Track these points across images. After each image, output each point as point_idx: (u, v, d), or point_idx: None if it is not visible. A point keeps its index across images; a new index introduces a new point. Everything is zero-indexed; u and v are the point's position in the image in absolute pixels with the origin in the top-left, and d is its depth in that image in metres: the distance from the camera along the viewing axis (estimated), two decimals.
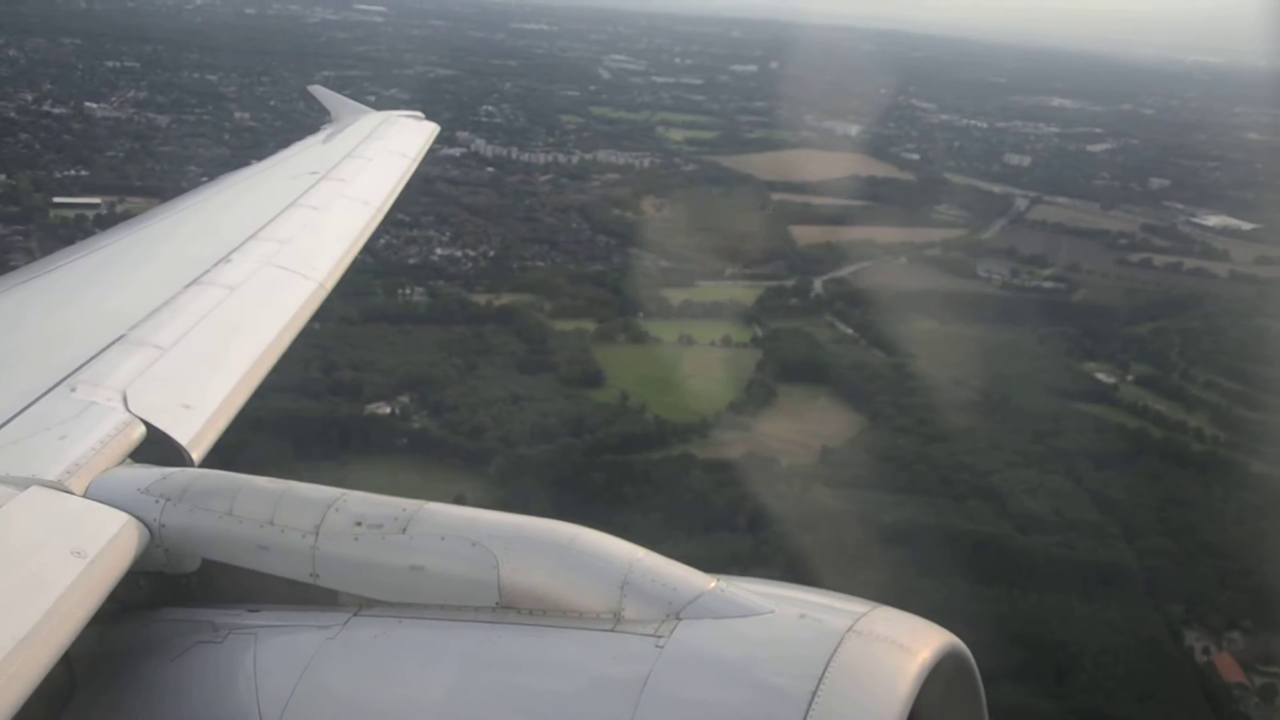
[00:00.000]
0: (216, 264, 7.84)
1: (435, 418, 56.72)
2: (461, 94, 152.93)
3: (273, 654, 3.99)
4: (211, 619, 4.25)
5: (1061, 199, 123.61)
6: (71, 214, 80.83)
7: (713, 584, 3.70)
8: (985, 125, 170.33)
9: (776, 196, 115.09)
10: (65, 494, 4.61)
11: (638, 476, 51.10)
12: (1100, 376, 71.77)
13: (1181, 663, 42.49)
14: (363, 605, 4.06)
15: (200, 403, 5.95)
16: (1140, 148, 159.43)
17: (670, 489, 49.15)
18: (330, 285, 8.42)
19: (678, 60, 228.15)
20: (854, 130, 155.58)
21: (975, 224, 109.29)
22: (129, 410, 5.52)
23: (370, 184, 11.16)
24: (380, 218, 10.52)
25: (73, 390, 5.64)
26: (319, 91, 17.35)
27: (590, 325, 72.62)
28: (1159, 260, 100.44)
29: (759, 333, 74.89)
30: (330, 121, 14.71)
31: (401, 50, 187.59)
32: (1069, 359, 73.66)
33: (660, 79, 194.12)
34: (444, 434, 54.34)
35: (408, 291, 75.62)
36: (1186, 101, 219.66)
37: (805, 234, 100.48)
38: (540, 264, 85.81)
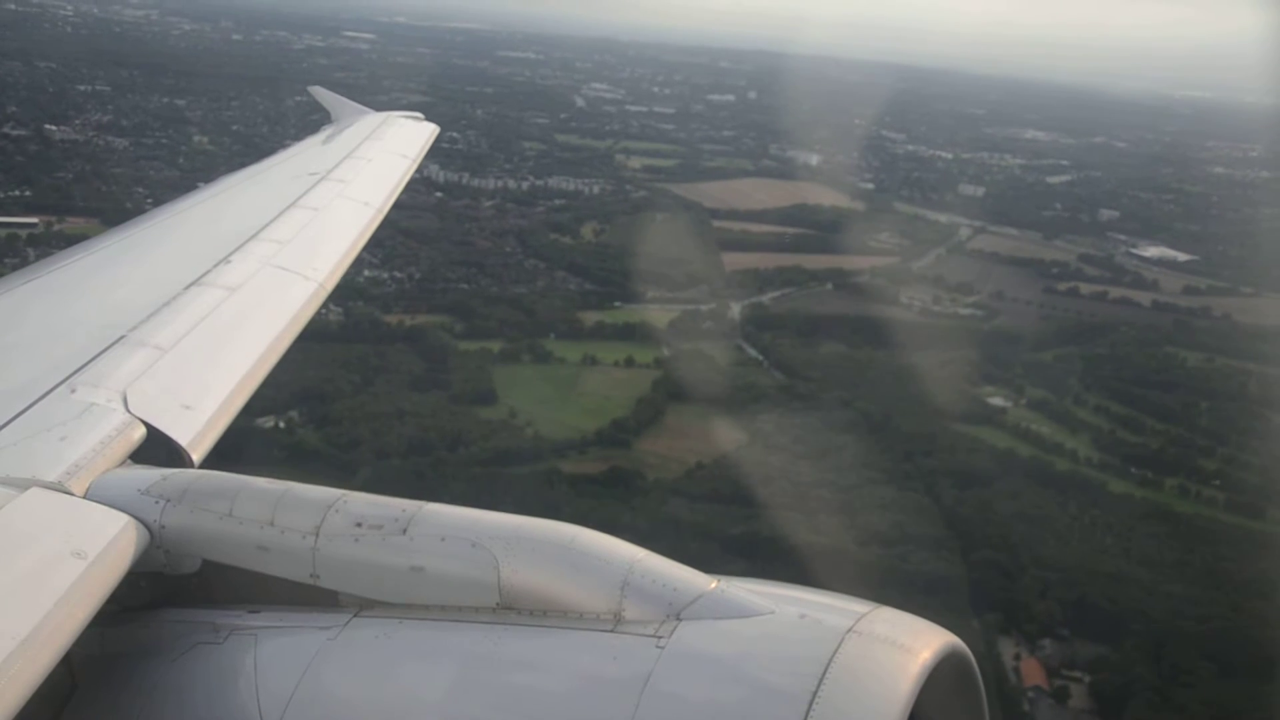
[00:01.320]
0: (216, 265, 7.96)
1: (318, 431, 59.30)
2: (430, 120, 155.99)
3: (273, 655, 4.03)
4: (212, 620, 4.30)
5: (1007, 229, 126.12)
6: (3, 232, 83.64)
7: (713, 584, 3.74)
8: (950, 156, 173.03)
9: (718, 223, 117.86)
10: (66, 495, 4.63)
11: (498, 489, 53.41)
12: (992, 400, 74.15)
13: (986, 668, 44.55)
14: (363, 606, 4.10)
15: (200, 404, 6.03)
16: (1100, 180, 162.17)
17: (525, 501, 51.39)
18: (330, 286, 8.57)
19: (656, 89, 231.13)
20: (815, 160, 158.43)
21: (911, 252, 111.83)
22: (129, 411, 5.55)
23: (370, 185, 11.39)
24: (380, 218, 10.68)
25: (73, 391, 5.67)
26: (319, 92, 17.70)
27: (496, 346, 75.10)
28: (1085, 289, 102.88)
29: (664, 354, 77.36)
30: (330, 122, 15.16)
31: (381, 77, 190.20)
32: (965, 383, 75.91)
33: (634, 108, 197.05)
34: (321, 446, 56.91)
35: (324, 311, 78.02)
36: (1161, 135, 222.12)
37: (736, 260, 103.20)
38: (464, 286, 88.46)
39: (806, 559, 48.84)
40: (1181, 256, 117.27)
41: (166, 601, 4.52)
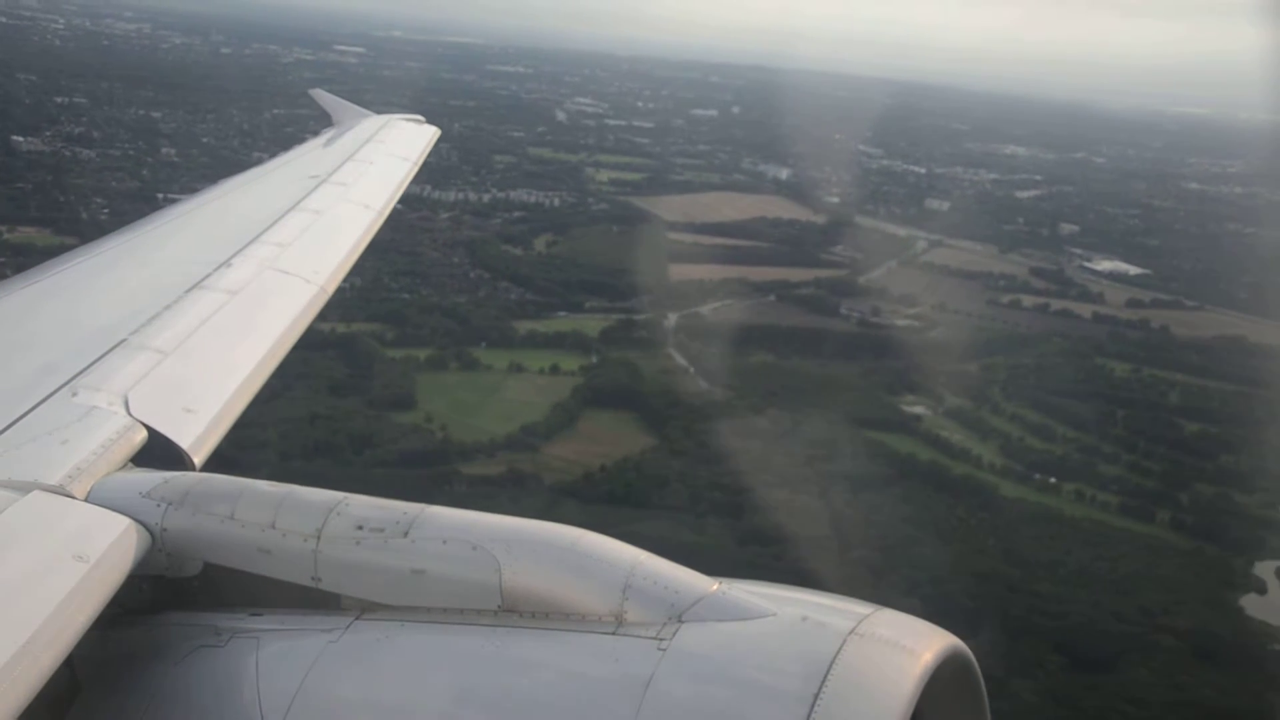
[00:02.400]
0: (218, 268, 8.07)
1: (226, 434, 61.42)
2: None
3: (275, 658, 4.08)
4: (214, 623, 4.33)
5: (965, 242, 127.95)
6: None
7: (715, 586, 3.79)
8: (923, 171, 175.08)
9: (674, 236, 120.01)
10: (67, 498, 4.66)
11: (395, 488, 55.45)
12: (910, 408, 76.15)
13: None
14: (365, 609, 4.14)
15: (202, 407, 6.13)
16: (1070, 195, 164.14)
17: (416, 500, 53.59)
18: (331, 289, 8.70)
19: (640, 104, 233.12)
20: (785, 174, 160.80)
21: (862, 265, 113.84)
22: (130, 414, 5.62)
23: (371, 187, 11.56)
24: (381, 221, 10.85)
25: (74, 395, 5.73)
26: (320, 95, 18.02)
27: (424, 353, 77.28)
28: (1028, 301, 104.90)
29: (591, 362, 79.51)
30: (331, 125, 15.43)
31: (364, 90, 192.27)
32: (885, 392, 78.02)
33: (614, 122, 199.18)
34: (224, 448, 58.83)
35: None
36: (1144, 151, 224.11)
37: (684, 271, 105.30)
38: (405, 296, 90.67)
39: (682, 557, 50.81)
40: (1133, 270, 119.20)
41: (168, 604, 4.57)
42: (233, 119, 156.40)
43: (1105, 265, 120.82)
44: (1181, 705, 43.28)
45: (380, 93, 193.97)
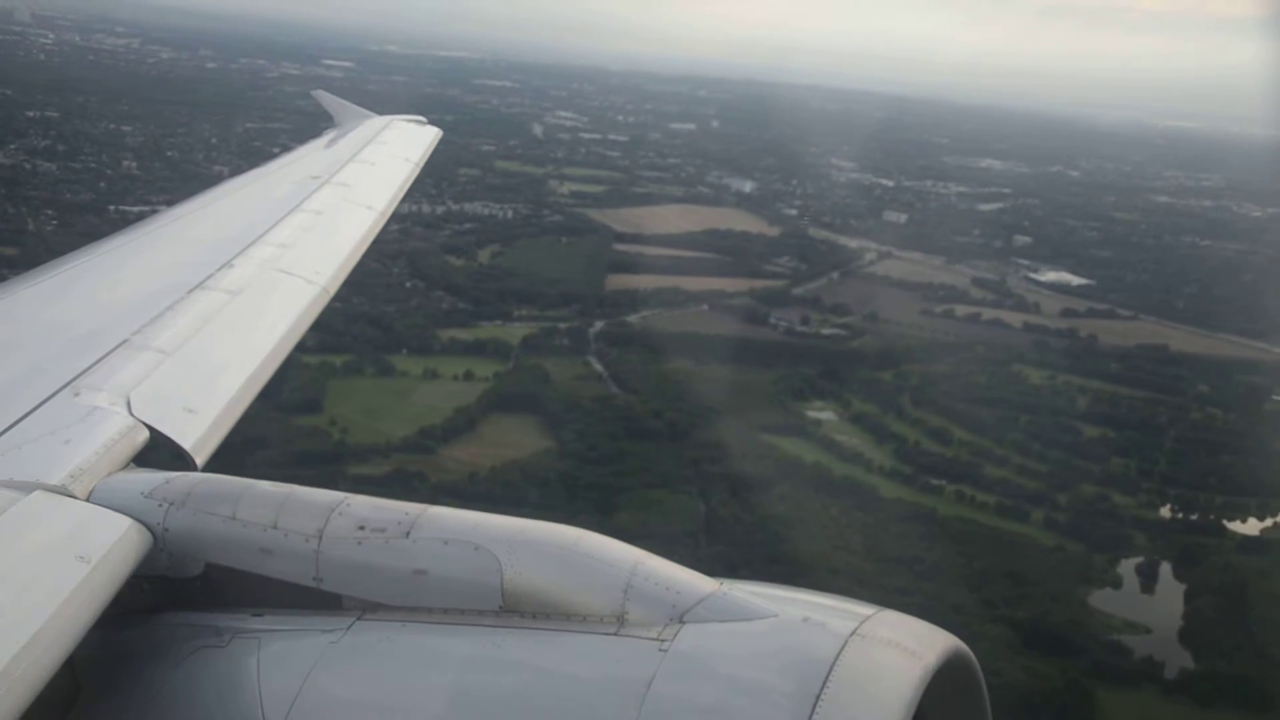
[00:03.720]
0: (219, 268, 8.16)
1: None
2: None
3: (276, 658, 4.14)
4: (215, 623, 4.40)
5: (914, 253, 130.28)
6: None
7: (716, 587, 3.85)
8: (891, 184, 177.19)
9: (621, 247, 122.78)
10: (69, 498, 4.71)
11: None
12: (814, 413, 78.41)
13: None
14: (366, 609, 4.20)
15: (204, 407, 6.19)
16: (1034, 207, 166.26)
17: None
18: (333, 289, 8.90)
19: (620, 118, 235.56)
20: (749, 187, 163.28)
21: (803, 276, 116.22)
22: (132, 415, 5.67)
23: (373, 188, 11.66)
24: (383, 222, 10.95)
25: (76, 395, 5.78)
26: (322, 96, 18.34)
27: (341, 359, 79.73)
28: (961, 310, 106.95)
29: (506, 368, 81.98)
30: (334, 126, 15.69)
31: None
32: (793, 398, 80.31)
33: (589, 135, 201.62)
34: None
35: None
36: (1123, 164, 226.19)
37: (622, 281, 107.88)
38: (335, 304, 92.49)
39: None
40: (1077, 281, 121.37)
41: (170, 605, 4.61)
42: (203, 133, 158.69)
43: (1050, 276, 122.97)
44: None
45: (361, 106, 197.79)
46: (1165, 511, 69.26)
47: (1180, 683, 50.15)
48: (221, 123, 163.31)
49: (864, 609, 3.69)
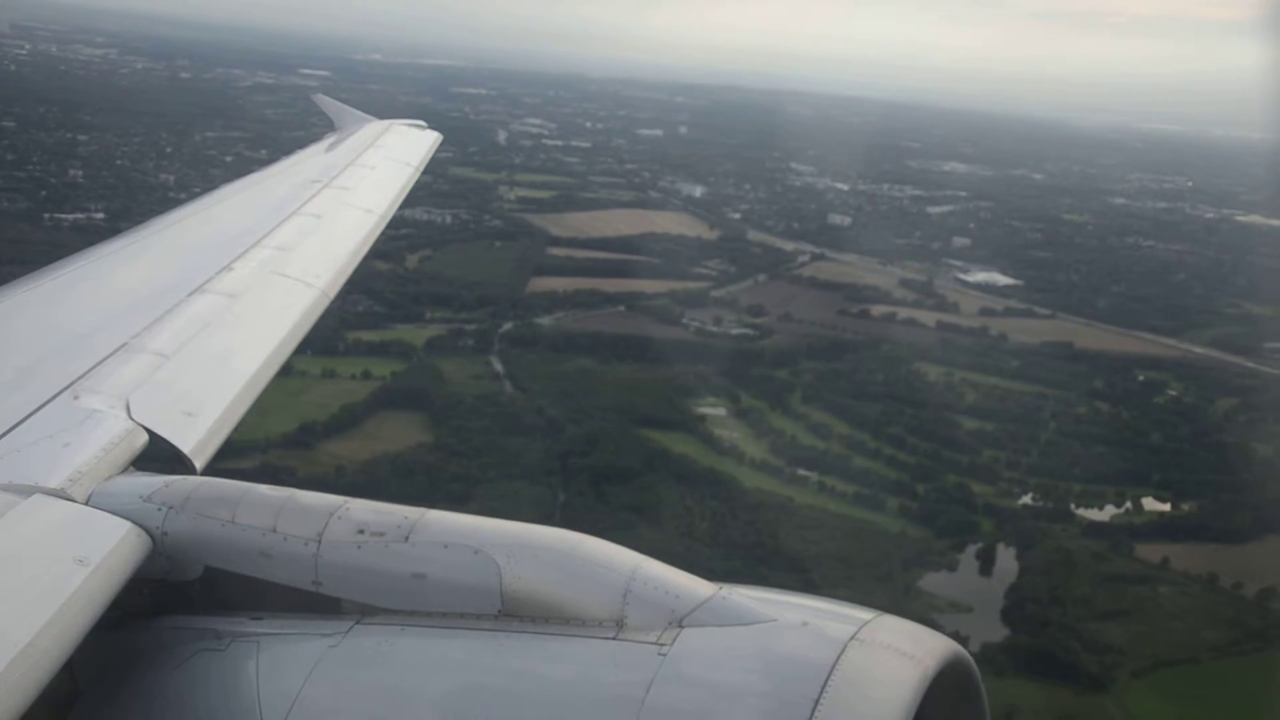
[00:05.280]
0: (219, 272, 8.22)
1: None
2: None
3: (275, 662, 4.21)
4: (214, 627, 4.47)
5: (850, 255, 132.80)
6: None
7: (715, 591, 3.91)
8: (846, 188, 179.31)
9: (553, 250, 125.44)
10: (68, 502, 4.78)
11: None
12: (703, 409, 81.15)
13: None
14: (365, 613, 4.27)
15: (203, 411, 6.30)
16: (984, 210, 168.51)
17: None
18: (333, 293, 8.92)
19: (589, 124, 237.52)
20: (699, 191, 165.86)
21: (730, 278, 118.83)
22: (132, 418, 5.78)
23: (373, 192, 11.84)
24: (383, 226, 11.16)
25: (76, 398, 5.88)
26: (322, 100, 18.77)
27: None
28: (878, 311, 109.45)
29: (404, 368, 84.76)
30: (334, 130, 15.93)
31: (309, 114, 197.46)
32: (683, 394, 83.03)
33: (551, 142, 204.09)
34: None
35: None
36: (1089, 168, 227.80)
37: (545, 283, 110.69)
38: None
39: None
40: (1005, 281, 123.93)
41: (169, 608, 4.67)
42: (159, 142, 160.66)
43: (979, 276, 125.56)
44: None
45: (325, 116, 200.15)
46: (1027, 500, 71.67)
47: (983, 655, 52.61)
48: (181, 132, 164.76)
49: (863, 614, 3.78)
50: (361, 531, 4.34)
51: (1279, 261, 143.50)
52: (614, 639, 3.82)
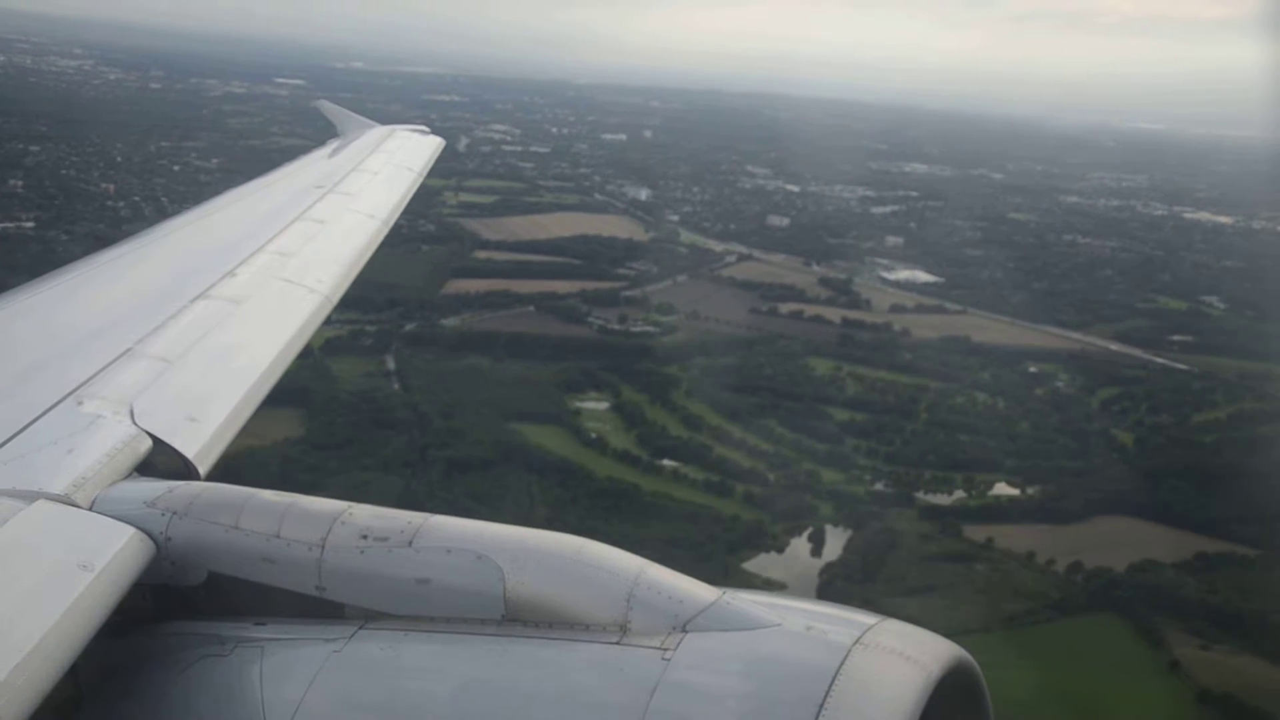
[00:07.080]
0: (222, 277, 8.40)
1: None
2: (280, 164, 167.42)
3: (279, 667, 4.26)
4: (218, 632, 4.54)
5: (777, 255, 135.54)
6: None
7: (719, 596, 3.96)
8: (797, 189, 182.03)
9: (481, 253, 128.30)
10: (72, 507, 4.86)
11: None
12: (580, 403, 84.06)
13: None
14: (369, 618, 4.34)
15: (206, 416, 6.37)
16: (930, 209, 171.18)
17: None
18: (336, 298, 9.13)
19: (555, 130, 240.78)
20: (644, 194, 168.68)
21: (649, 278, 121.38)
22: (135, 424, 5.84)
23: (376, 197, 12.09)
24: (386, 231, 11.39)
25: (79, 404, 5.96)
26: (325, 107, 18.91)
27: None
28: (786, 308, 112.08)
29: (295, 366, 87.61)
30: (337, 136, 16.14)
31: (271, 123, 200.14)
32: (564, 390, 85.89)
33: (511, 148, 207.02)
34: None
35: None
36: (1052, 167, 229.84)
37: (462, 285, 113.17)
38: None
39: None
40: (925, 278, 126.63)
41: (172, 614, 4.76)
42: (111, 152, 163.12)
43: (901, 274, 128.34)
44: None
45: (287, 124, 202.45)
46: (878, 487, 74.25)
47: None
48: (137, 142, 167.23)
49: (867, 618, 3.83)
50: (365, 536, 4.44)
51: (1208, 257, 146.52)
52: (618, 644, 3.89)
